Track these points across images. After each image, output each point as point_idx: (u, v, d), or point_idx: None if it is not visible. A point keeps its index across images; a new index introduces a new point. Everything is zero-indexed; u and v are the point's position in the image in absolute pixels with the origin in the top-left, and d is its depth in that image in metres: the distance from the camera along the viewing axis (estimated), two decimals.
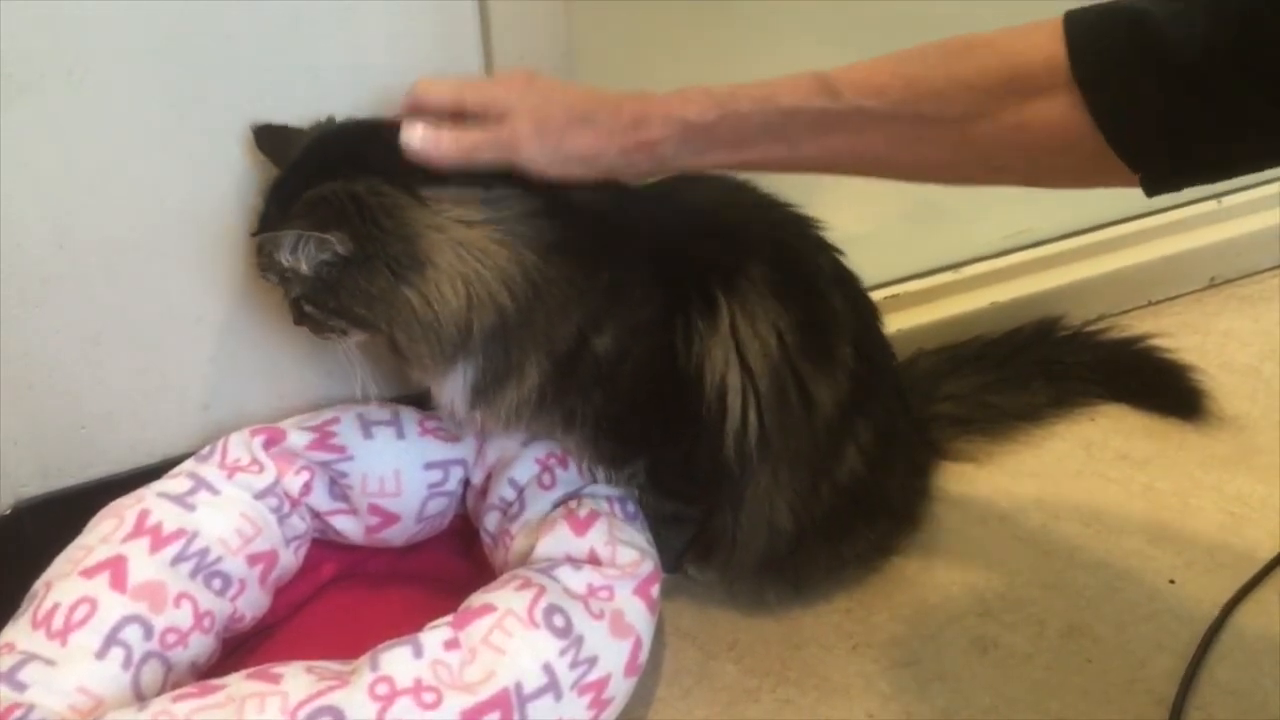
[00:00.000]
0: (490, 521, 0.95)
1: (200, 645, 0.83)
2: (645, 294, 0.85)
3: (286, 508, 0.92)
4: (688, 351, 0.86)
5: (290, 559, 0.93)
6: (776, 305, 0.87)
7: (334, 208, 0.77)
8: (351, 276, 0.78)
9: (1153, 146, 0.65)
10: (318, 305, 0.81)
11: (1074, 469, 1.14)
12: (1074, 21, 0.66)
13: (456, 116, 0.78)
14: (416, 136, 0.77)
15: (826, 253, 0.94)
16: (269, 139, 0.85)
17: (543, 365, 0.83)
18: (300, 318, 0.83)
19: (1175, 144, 0.65)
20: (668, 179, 0.89)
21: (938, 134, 0.70)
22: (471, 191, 0.79)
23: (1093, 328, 1.26)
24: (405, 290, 0.78)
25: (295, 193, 0.79)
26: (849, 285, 0.95)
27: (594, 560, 0.86)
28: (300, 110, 0.85)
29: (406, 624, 0.79)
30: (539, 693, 0.76)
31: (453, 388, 0.84)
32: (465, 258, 0.78)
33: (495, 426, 0.88)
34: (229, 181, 0.87)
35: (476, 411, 0.86)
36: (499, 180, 0.79)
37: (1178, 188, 0.67)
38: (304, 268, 0.79)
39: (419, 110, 0.79)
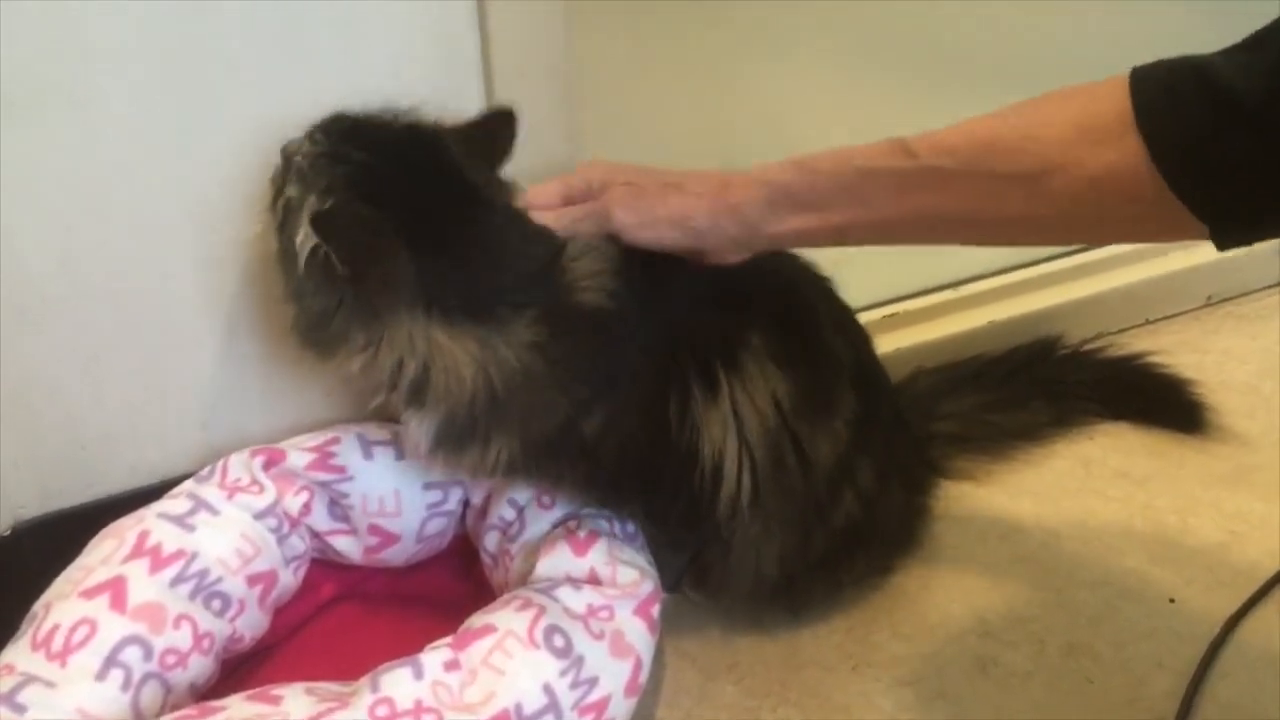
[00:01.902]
0: (490, 541, 0.95)
1: (199, 666, 0.83)
2: (641, 374, 0.84)
3: (286, 528, 0.92)
4: (681, 423, 0.85)
5: (290, 579, 0.93)
6: (775, 372, 0.86)
7: (368, 243, 0.75)
8: (316, 272, 0.77)
9: (1216, 194, 0.65)
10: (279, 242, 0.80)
11: (1073, 487, 1.14)
12: (1139, 74, 0.67)
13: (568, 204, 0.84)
14: None
15: (827, 300, 0.94)
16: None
17: (513, 447, 0.82)
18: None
19: (1238, 191, 0.64)
20: None
21: (1012, 190, 0.71)
22: (475, 327, 0.78)
23: (1091, 346, 1.26)
24: (342, 321, 0.78)
25: (367, 188, 0.77)
26: (848, 326, 0.95)
27: (594, 580, 0.86)
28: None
29: (406, 645, 0.78)
30: (539, 713, 0.76)
31: (417, 427, 0.83)
32: (431, 353, 0.78)
33: (461, 476, 0.88)
34: (228, 203, 0.88)
35: (438, 457, 0.85)
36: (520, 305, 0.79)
37: (1248, 239, 0.66)
38: (298, 242, 0.77)
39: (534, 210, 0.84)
